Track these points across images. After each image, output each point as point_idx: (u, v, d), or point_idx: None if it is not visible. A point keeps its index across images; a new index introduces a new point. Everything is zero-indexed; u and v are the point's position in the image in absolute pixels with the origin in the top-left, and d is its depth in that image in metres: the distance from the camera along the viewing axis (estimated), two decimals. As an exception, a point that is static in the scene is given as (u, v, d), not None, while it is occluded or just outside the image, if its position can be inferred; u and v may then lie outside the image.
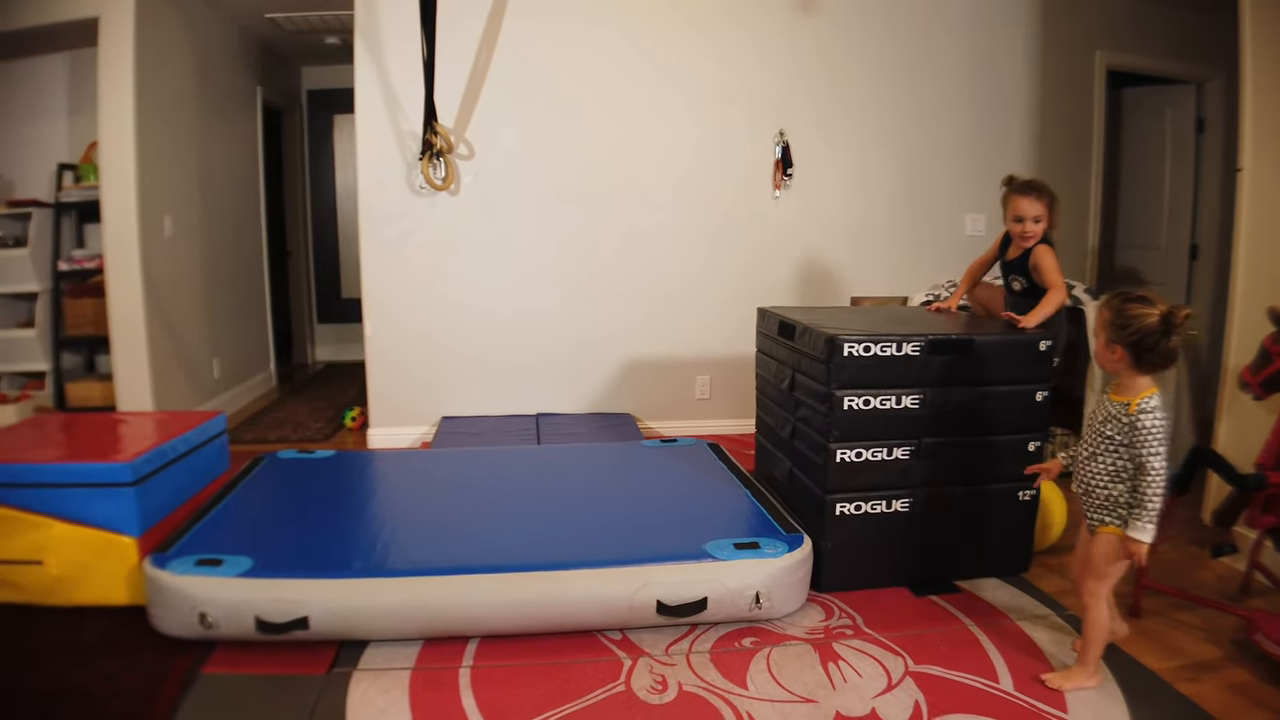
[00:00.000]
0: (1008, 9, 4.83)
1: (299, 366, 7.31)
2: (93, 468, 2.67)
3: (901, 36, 4.74)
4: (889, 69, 4.75)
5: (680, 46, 4.59)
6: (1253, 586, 2.84)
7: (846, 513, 2.74)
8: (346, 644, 2.44)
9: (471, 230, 4.56)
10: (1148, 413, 2.05)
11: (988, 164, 4.82)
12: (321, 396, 6.00)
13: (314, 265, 7.68)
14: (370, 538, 2.68)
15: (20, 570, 2.69)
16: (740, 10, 4.60)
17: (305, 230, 7.56)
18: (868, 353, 2.66)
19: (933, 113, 4.84)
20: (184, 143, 5.08)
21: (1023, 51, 4.89)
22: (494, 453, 3.82)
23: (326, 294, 7.73)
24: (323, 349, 7.78)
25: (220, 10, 5.44)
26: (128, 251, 4.50)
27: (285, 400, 5.91)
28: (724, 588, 2.44)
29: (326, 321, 7.76)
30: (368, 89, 4.43)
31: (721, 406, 4.87)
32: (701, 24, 4.59)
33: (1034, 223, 3.07)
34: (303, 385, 6.48)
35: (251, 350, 6.16)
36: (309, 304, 7.65)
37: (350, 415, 5.07)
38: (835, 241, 4.82)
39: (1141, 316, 2.01)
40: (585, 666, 2.33)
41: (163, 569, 2.41)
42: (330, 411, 5.47)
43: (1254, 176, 3.22)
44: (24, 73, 5.16)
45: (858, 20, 4.67)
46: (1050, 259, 3.06)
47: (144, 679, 2.30)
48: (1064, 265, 4.87)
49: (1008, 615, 2.63)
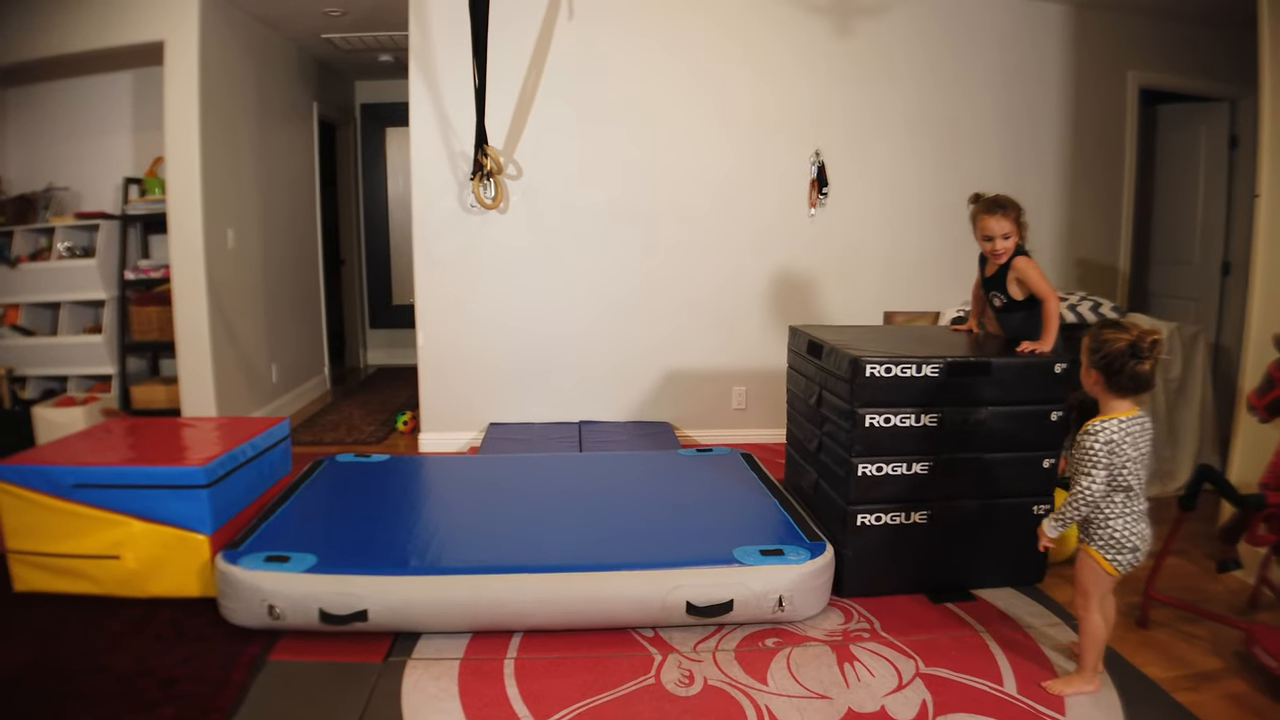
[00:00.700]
0: (1039, 31, 4.94)
1: (351, 370, 7.61)
2: (170, 471, 2.89)
3: (935, 57, 4.87)
4: (923, 89, 4.88)
5: (720, 71, 4.77)
6: (1261, 601, 2.95)
7: (867, 523, 2.91)
8: (401, 635, 2.65)
9: (519, 246, 4.79)
10: (1090, 434, 2.22)
11: (1020, 182, 4.91)
12: (374, 400, 6.26)
13: (366, 273, 7.97)
14: (424, 537, 2.90)
15: (99, 564, 2.92)
16: (780, 34, 4.76)
17: (358, 239, 7.85)
18: (889, 373, 2.82)
19: (966, 131, 4.96)
20: (245, 158, 5.33)
21: (1055, 72, 5.00)
22: (539, 459, 4.04)
23: (378, 300, 8.01)
24: (374, 353, 8.08)
25: (279, 31, 5.71)
26: (193, 263, 4.76)
27: (339, 403, 6.17)
28: (749, 591, 2.62)
29: (378, 327, 8.05)
30: (422, 112, 4.67)
31: (757, 417, 5.04)
32: (741, 48, 4.76)
33: (1003, 239, 3.13)
34: (355, 389, 6.75)
35: (307, 355, 6.44)
36: (361, 310, 7.94)
37: (402, 419, 5.31)
38: (869, 258, 4.96)
39: (1111, 341, 2.18)
40: (619, 661, 2.52)
41: (235, 564, 2.64)
42: (382, 415, 5.72)
43: (1271, 201, 3.28)
44: (91, 90, 5.42)
45: (894, 43, 4.81)
46: (1033, 270, 3.13)
47: (217, 663, 2.52)
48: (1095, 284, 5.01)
49: (1018, 623, 2.78)
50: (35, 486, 2.91)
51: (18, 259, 5.05)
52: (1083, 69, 5.02)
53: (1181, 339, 4.14)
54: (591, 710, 2.26)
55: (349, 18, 5.45)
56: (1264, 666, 2.42)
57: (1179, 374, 4.17)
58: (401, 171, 7.74)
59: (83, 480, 2.90)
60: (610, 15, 4.67)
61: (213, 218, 4.84)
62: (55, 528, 2.92)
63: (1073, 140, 5.08)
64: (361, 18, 5.46)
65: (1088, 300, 4.28)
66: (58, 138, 5.46)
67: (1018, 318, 3.22)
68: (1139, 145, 5.27)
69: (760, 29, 4.75)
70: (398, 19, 5.05)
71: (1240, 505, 2.58)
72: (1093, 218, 5.17)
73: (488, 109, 4.42)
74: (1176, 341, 4.12)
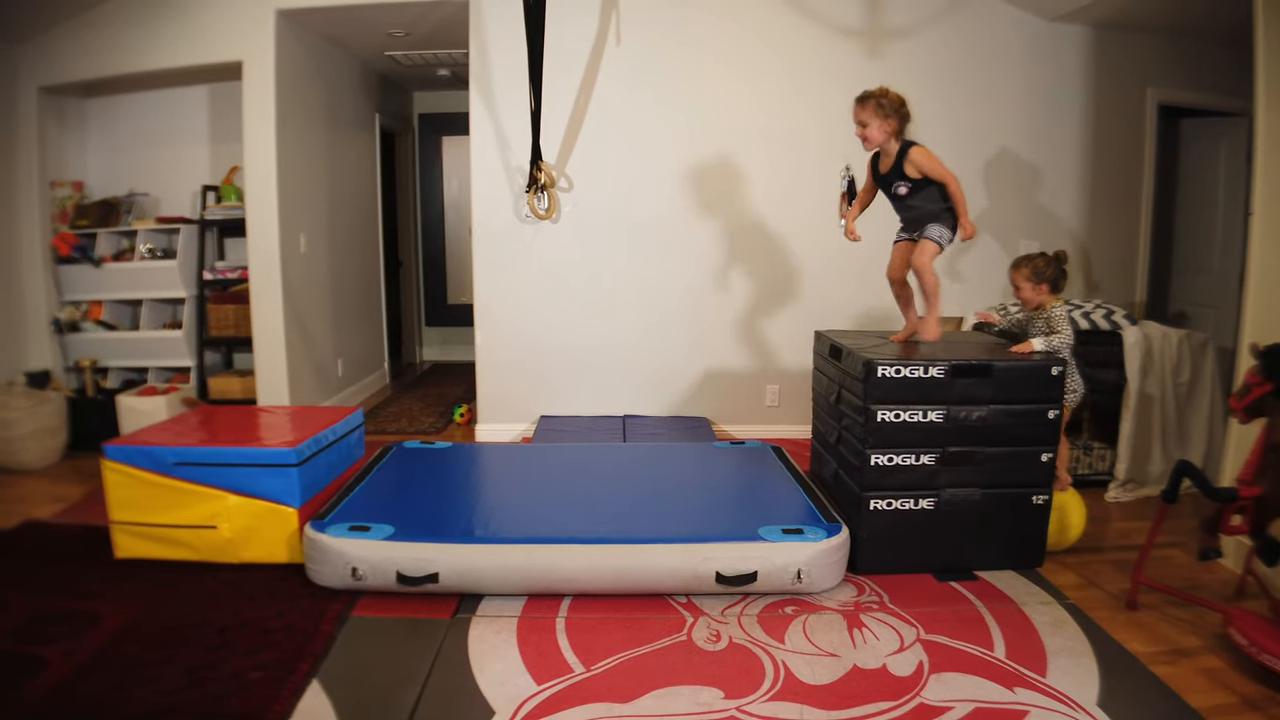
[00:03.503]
0: (1062, 50, 5.17)
1: (408, 366, 8.04)
2: (265, 451, 3.28)
3: (962, 75, 5.12)
4: (950, 105, 5.10)
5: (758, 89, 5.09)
6: (1247, 590, 3.18)
7: (880, 508, 3.24)
8: (466, 596, 3.03)
9: (570, 254, 5.17)
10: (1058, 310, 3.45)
11: (1042, 193, 5.20)
12: (430, 394, 6.67)
13: (422, 273, 8.39)
14: (485, 512, 3.30)
15: (197, 533, 3.30)
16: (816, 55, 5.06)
17: (415, 241, 8.27)
18: (899, 374, 3.15)
19: (990, 144, 5.21)
20: (315, 168, 5.70)
21: (1076, 89, 5.21)
22: (586, 448, 4.43)
23: (433, 299, 8.45)
24: (429, 349, 8.52)
25: (346, 49, 6.10)
26: (269, 266, 5.14)
27: (399, 396, 6.60)
28: (771, 564, 2.96)
29: (433, 325, 8.50)
30: (481, 130, 5.06)
31: (789, 413, 5.36)
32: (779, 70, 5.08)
33: (861, 127, 3.36)
34: (413, 383, 7.18)
35: (369, 351, 6.85)
36: (417, 309, 8.38)
37: (459, 412, 5.70)
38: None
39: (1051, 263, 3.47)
40: (656, 621, 2.88)
41: (323, 533, 3.03)
42: (440, 407, 6.13)
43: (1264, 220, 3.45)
44: (168, 102, 5.77)
45: (921, 63, 5.06)
46: (927, 157, 3.34)
47: (307, 617, 2.90)
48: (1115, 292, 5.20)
49: (1014, 600, 3.08)
50: (140, 464, 3.30)
51: (101, 259, 5.41)
52: (1103, 86, 5.23)
53: (1191, 346, 4.37)
54: (632, 660, 2.62)
55: (411, 38, 5.82)
56: (1237, 646, 2.65)
57: (1188, 379, 4.38)
58: (456, 177, 8.15)
59: (184, 459, 3.28)
60: (656, 41, 5.02)
61: (287, 224, 5.22)
62: (158, 501, 3.29)
63: (1094, 154, 5.30)
64: (423, 38, 5.84)
65: (1101, 308, 4.53)
66: (137, 146, 5.80)
67: (920, 198, 3.43)
68: (1161, 157, 5.47)
69: (796, 52, 5.06)
70: (455, 38, 5.44)
71: (1214, 498, 2.85)
72: (1112, 229, 5.38)
73: (541, 128, 4.79)
74: (1186, 349, 4.35)
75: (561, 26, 4.85)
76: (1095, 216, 5.34)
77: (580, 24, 4.99)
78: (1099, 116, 5.26)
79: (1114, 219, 5.38)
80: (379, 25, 5.51)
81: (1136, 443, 4.31)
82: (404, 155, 7.99)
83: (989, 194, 5.24)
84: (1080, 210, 5.33)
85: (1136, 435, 4.30)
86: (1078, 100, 5.24)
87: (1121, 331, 4.34)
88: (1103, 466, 4.42)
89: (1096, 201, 5.31)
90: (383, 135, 7.19)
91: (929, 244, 3.43)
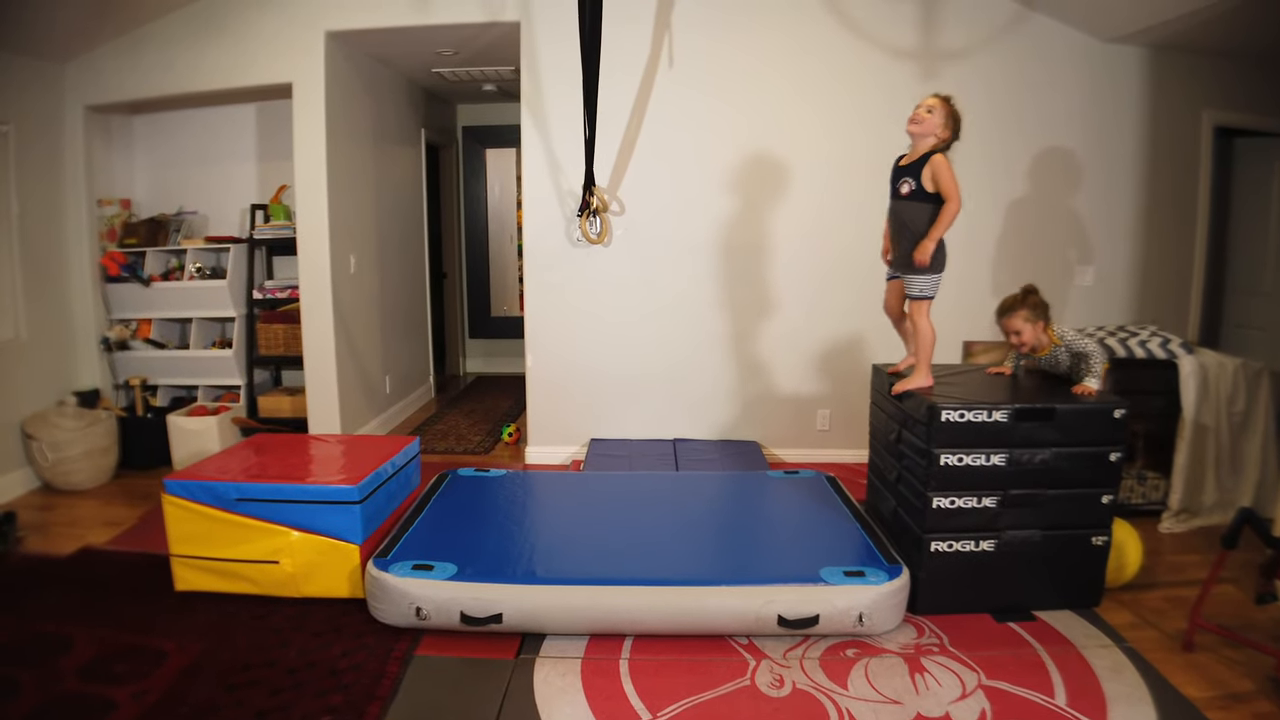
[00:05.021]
0: (1117, 72, 5.10)
1: (451, 378, 8.10)
2: (328, 489, 3.31)
3: (1016, 97, 5.06)
4: (1003, 127, 5.06)
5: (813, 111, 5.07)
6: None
7: (940, 550, 3.24)
8: (528, 635, 3.06)
9: (621, 277, 5.19)
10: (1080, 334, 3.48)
11: (1095, 215, 5.15)
12: (477, 410, 6.72)
13: (466, 285, 8.44)
14: (547, 550, 3.33)
15: (260, 568, 3.35)
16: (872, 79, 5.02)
17: (459, 253, 8.32)
18: (962, 419, 3.15)
19: (1043, 166, 5.15)
20: (364, 186, 5.75)
21: (1131, 110, 5.14)
22: (641, 477, 4.45)
23: (477, 312, 8.49)
24: (473, 362, 8.57)
25: (393, 68, 6.16)
26: (320, 287, 5.20)
27: (444, 412, 6.65)
28: (833, 607, 2.97)
29: (477, 337, 8.53)
30: (533, 154, 5.10)
31: (840, 438, 5.34)
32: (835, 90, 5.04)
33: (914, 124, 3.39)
34: (458, 398, 7.23)
35: (415, 365, 6.90)
36: (461, 321, 8.43)
37: (508, 431, 5.73)
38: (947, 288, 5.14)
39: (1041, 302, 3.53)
40: (719, 664, 2.90)
41: (386, 571, 3.08)
42: (487, 425, 6.17)
43: None
44: (216, 120, 5.84)
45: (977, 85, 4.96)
46: (945, 168, 3.31)
47: (373, 657, 2.94)
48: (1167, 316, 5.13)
49: (1073, 644, 3.07)
50: (201, 500, 3.35)
51: (150, 278, 5.47)
52: (1158, 108, 5.17)
53: (1246, 375, 4.32)
54: (698, 706, 2.65)
55: (460, 56, 5.87)
56: (1286, 689, 2.66)
57: (1243, 408, 4.34)
58: (500, 189, 8.18)
59: (246, 495, 3.32)
60: (708, 62, 5.02)
61: (337, 245, 5.28)
62: (220, 536, 3.34)
63: (1149, 176, 5.22)
64: (472, 56, 5.89)
65: (1157, 336, 4.46)
66: (185, 164, 5.88)
67: (915, 209, 3.40)
68: (1215, 176, 5.40)
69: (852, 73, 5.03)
70: (504, 55, 5.49)
71: (1273, 546, 2.84)
72: (1165, 252, 5.31)
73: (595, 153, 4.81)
74: (1241, 377, 4.30)
75: (614, 48, 4.85)
76: (1149, 240, 5.27)
77: (632, 45, 5.00)
78: (1154, 139, 5.20)
79: (1168, 242, 5.31)
80: (428, 45, 5.55)
81: (1191, 473, 4.27)
82: (448, 167, 8.05)
83: (1040, 216, 5.19)
84: (1134, 233, 5.26)
85: (1191, 465, 4.26)
86: (1132, 122, 5.17)
87: (1178, 361, 4.29)
88: (1156, 496, 4.39)
89: (1151, 225, 5.25)
90: (428, 148, 7.24)
91: (921, 303, 3.53)
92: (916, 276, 3.47)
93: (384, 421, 6.09)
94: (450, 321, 8.27)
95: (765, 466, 4.84)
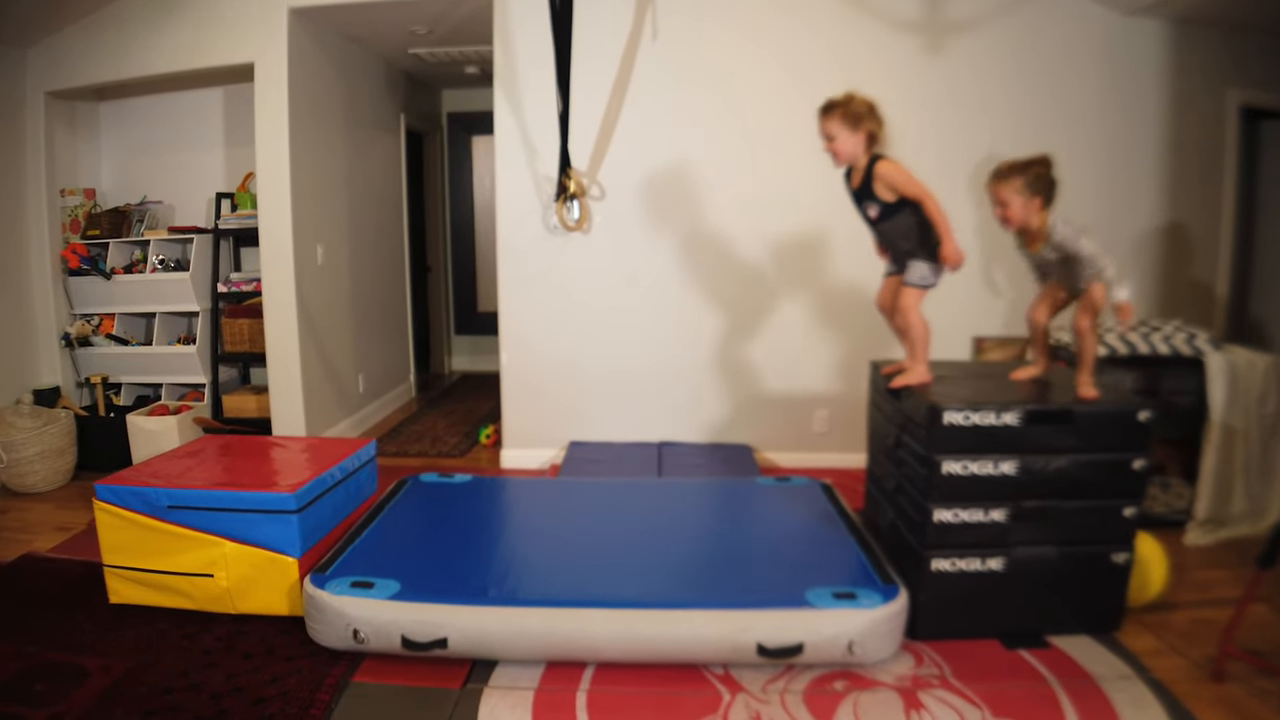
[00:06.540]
0: (1136, 47, 4.78)
1: (435, 377, 7.80)
2: (263, 496, 3.04)
3: (1030, 72, 4.76)
4: (1016, 107, 4.77)
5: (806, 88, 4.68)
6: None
7: (943, 569, 2.89)
8: (478, 662, 2.75)
9: (602, 268, 4.87)
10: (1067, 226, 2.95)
11: (1114, 206, 4.82)
12: (457, 410, 6.42)
13: (452, 279, 8.15)
14: (503, 567, 2.99)
15: (194, 582, 3.10)
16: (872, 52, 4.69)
17: (444, 245, 8.03)
18: (967, 421, 2.80)
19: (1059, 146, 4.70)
20: (334, 173, 5.48)
21: (1152, 88, 4.82)
22: (617, 484, 4.10)
23: (463, 307, 8.19)
24: (459, 359, 8.27)
25: (366, 47, 5.88)
26: (284, 280, 4.92)
27: (424, 413, 6.35)
28: (819, 635, 2.63)
29: (463, 333, 8.24)
30: (507, 135, 4.78)
31: (838, 440, 5.00)
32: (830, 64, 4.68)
33: (828, 141, 3.09)
34: (439, 397, 6.93)
35: (393, 363, 6.61)
36: (446, 317, 8.13)
37: (485, 432, 5.45)
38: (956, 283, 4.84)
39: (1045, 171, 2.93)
40: (688, 698, 2.58)
41: (322, 589, 2.78)
42: (466, 426, 5.87)
43: None
44: (182, 105, 5.63)
45: (987, 59, 4.71)
46: (897, 171, 3.02)
47: (304, 683, 2.66)
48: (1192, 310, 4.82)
49: (1091, 675, 2.73)
50: (132, 507, 3.11)
51: (113, 271, 5.27)
52: (1181, 86, 4.84)
53: (1277, 374, 4.00)
54: (661, 750, 2.32)
55: (435, 35, 5.61)
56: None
57: (1274, 409, 4.03)
58: (487, 178, 7.89)
59: (178, 502, 3.08)
60: (695, 36, 4.70)
61: (302, 235, 5.00)
62: (152, 546, 3.11)
63: (1171, 159, 4.90)
64: (447, 34, 5.62)
65: (1182, 331, 4.14)
66: (150, 152, 5.69)
67: (895, 222, 3.10)
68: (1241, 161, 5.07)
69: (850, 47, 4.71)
70: (482, 34, 5.21)
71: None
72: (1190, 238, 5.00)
73: (571, 133, 4.49)
74: (1272, 376, 3.98)
75: (592, 21, 4.56)
76: (1172, 226, 4.93)
77: (612, 17, 4.68)
78: (1176, 119, 4.86)
79: (1192, 228, 4.98)
80: (400, 23, 5.29)
81: (1218, 479, 3.95)
82: (432, 156, 7.75)
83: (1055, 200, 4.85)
84: (1155, 219, 4.93)
85: (1218, 471, 3.94)
86: (1153, 101, 4.84)
87: (1204, 358, 3.96)
88: (1180, 504, 4.05)
89: (1174, 210, 4.92)
90: (410, 135, 6.96)
91: (910, 291, 3.16)
92: (919, 262, 3.13)
93: (357, 422, 5.79)
94: (435, 318, 7.97)
95: (756, 472, 4.50)
